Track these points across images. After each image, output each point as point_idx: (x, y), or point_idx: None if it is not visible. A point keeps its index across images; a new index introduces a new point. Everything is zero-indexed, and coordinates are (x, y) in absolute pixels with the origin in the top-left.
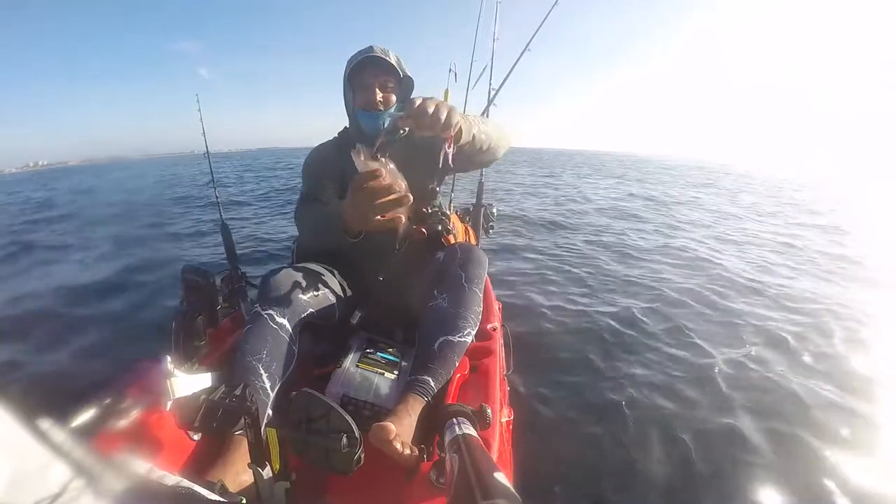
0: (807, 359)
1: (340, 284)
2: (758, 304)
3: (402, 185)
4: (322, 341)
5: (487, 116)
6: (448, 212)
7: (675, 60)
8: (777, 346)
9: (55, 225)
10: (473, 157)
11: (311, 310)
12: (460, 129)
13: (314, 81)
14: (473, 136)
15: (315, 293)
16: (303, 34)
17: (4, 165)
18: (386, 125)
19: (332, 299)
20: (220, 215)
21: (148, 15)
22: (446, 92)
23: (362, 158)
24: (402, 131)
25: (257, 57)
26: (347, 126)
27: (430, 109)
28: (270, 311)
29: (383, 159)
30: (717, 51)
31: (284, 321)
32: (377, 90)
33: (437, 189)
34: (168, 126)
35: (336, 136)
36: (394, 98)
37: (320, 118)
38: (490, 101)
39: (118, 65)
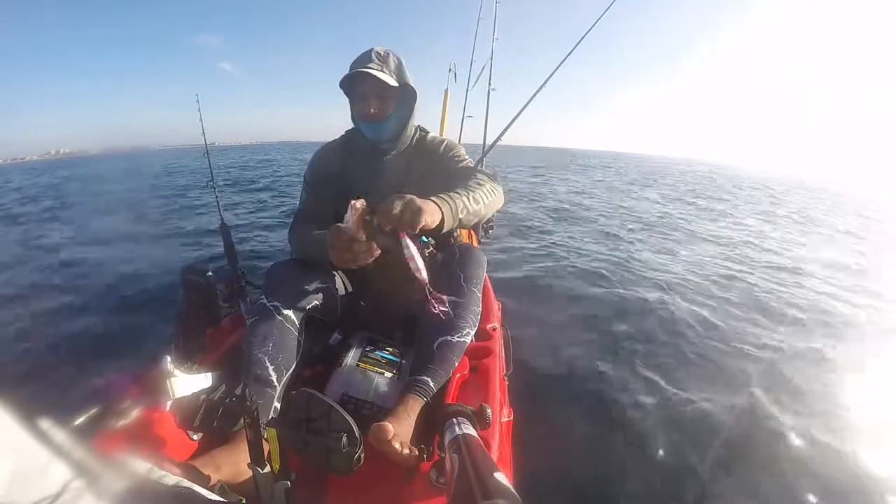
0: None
1: (342, 280)
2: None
3: (373, 248)
4: (321, 340)
5: (487, 114)
6: None
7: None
8: (787, 354)
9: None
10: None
11: (315, 302)
12: (442, 219)
13: (332, 74)
14: (460, 220)
15: (319, 285)
16: (326, 28)
17: (26, 153)
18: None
19: (335, 293)
20: (220, 216)
21: (169, 8)
22: (446, 92)
23: (357, 213)
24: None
25: (279, 51)
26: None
27: (396, 209)
28: (276, 303)
29: (372, 219)
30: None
31: (290, 313)
32: (372, 101)
33: None
34: (189, 118)
35: (344, 133)
36: (391, 107)
37: (339, 111)
38: (488, 101)
39: (141, 57)
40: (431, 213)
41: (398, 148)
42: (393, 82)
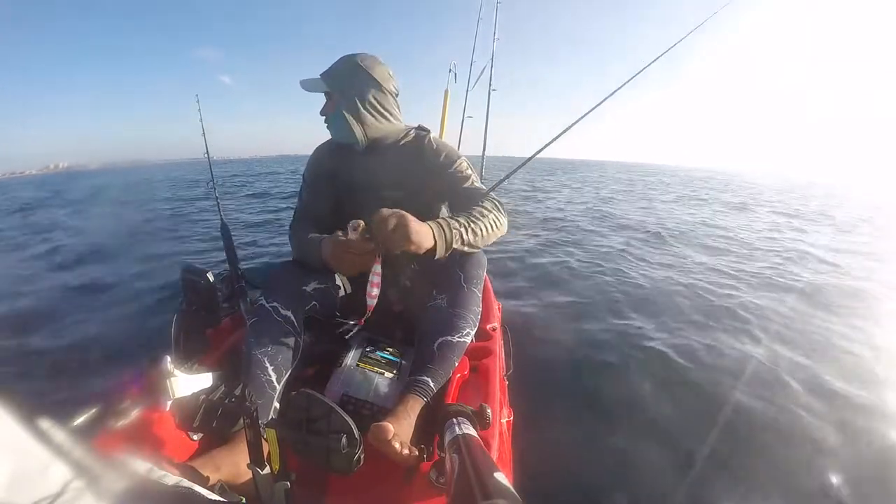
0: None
1: (341, 281)
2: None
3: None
4: (322, 340)
5: (487, 115)
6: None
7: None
8: (786, 354)
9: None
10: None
11: (314, 302)
12: (434, 245)
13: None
14: (454, 250)
15: (318, 286)
16: (323, 41)
17: (25, 167)
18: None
19: (335, 293)
20: (220, 216)
21: (169, 21)
22: (446, 93)
23: (355, 235)
24: None
25: (278, 65)
26: None
27: (390, 225)
28: (275, 304)
29: (368, 236)
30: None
31: (289, 313)
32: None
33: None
34: (189, 127)
35: None
36: (332, 105)
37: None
38: (489, 102)
39: (142, 70)
40: (424, 239)
41: (385, 146)
42: (316, 87)
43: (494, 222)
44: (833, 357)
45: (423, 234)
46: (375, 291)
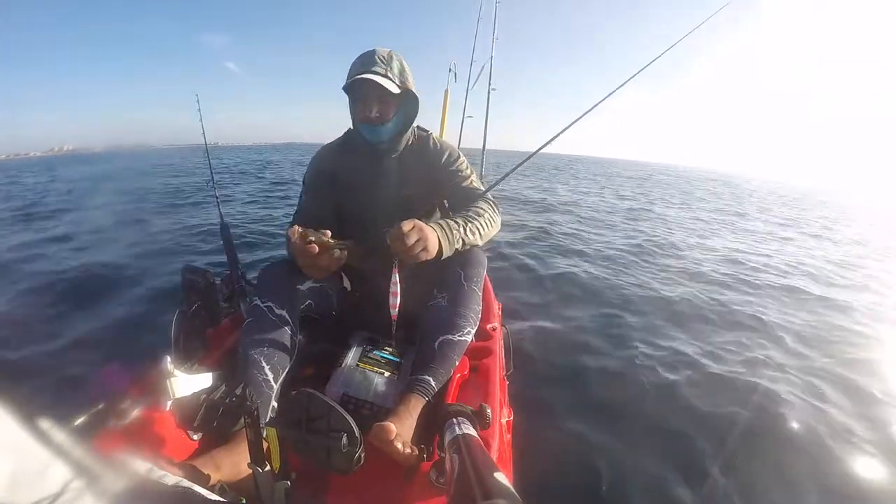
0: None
1: (343, 280)
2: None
3: (330, 262)
4: (321, 340)
5: (487, 114)
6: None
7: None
8: (786, 356)
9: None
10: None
11: (309, 301)
12: (440, 248)
13: (336, 73)
14: (456, 250)
15: (313, 285)
16: (332, 28)
17: (30, 148)
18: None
19: (331, 291)
20: (220, 216)
21: (174, 7)
22: (446, 92)
23: (295, 238)
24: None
25: (286, 51)
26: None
27: (410, 241)
28: (269, 304)
29: (313, 237)
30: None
31: (284, 312)
32: (373, 105)
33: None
34: (194, 116)
35: (343, 134)
36: (392, 111)
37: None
38: (489, 101)
39: (148, 55)
40: (434, 247)
41: (396, 150)
42: (395, 89)
43: (490, 221)
44: None
45: (434, 241)
46: (396, 301)
